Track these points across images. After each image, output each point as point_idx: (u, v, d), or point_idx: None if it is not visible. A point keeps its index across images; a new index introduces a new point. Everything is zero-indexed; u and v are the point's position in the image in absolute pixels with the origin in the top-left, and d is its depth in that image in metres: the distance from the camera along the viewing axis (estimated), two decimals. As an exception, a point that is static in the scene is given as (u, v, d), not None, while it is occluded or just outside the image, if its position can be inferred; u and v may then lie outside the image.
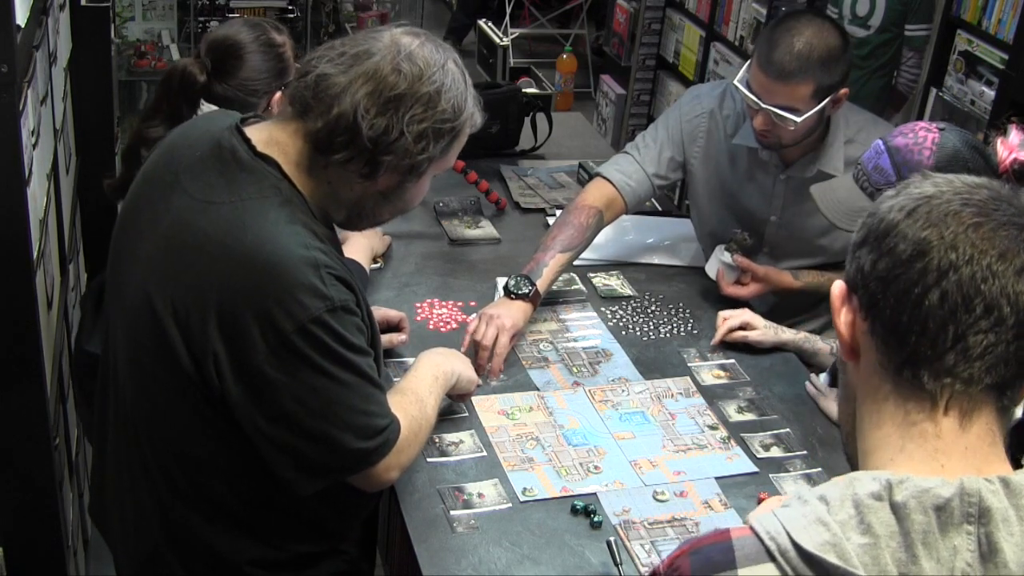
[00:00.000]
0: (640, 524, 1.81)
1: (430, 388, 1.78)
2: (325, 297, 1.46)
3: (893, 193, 0.99)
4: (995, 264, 0.90)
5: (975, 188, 0.95)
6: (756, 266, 2.44)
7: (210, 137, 1.56)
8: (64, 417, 2.40)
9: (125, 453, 1.66)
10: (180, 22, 4.74)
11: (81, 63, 3.11)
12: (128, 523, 1.70)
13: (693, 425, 2.08)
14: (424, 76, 1.50)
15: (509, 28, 6.64)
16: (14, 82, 1.80)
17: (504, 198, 2.85)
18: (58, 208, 2.51)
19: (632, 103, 5.22)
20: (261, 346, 1.45)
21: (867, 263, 0.96)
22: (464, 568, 1.69)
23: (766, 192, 2.50)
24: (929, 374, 0.92)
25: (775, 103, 2.25)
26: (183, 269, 1.50)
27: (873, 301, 0.95)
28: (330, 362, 1.49)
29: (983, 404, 0.93)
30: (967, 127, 3.13)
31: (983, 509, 0.88)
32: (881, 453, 0.96)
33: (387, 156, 1.50)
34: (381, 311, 2.15)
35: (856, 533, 0.88)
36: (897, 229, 0.94)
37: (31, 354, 1.99)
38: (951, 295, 0.90)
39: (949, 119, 3.25)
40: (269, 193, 1.50)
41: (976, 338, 0.90)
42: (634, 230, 2.79)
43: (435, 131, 1.52)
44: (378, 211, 1.63)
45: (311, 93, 1.50)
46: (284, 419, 1.50)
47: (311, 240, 1.49)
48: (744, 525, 0.94)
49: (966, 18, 3.24)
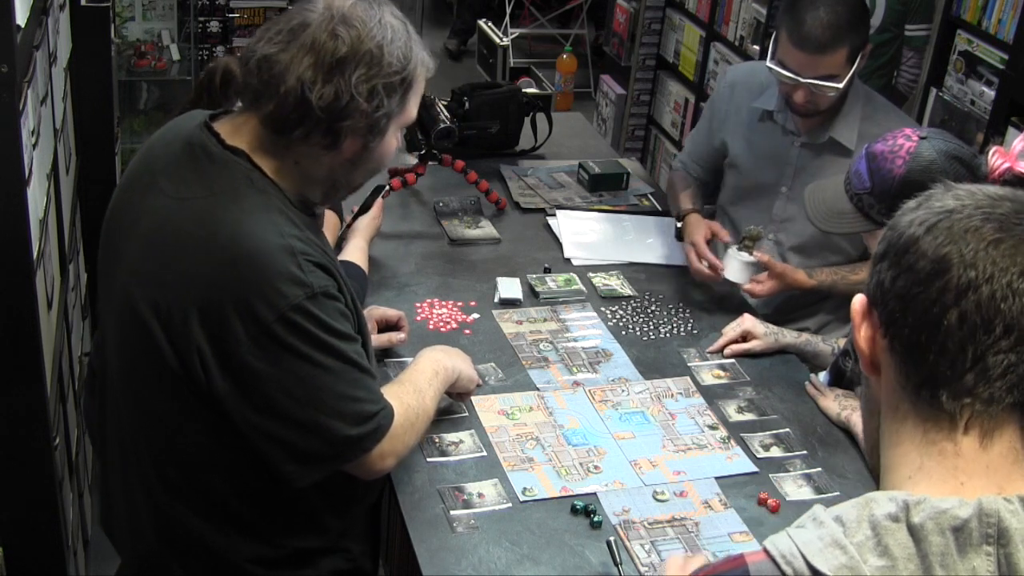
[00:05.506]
0: (640, 524, 1.81)
1: (429, 381, 1.78)
2: (304, 284, 1.46)
3: (914, 206, 0.97)
4: (1016, 282, 0.88)
5: (998, 201, 0.93)
6: (775, 262, 2.44)
7: (183, 136, 1.57)
8: (64, 417, 2.40)
9: (119, 454, 1.67)
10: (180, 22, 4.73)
11: (81, 63, 3.11)
12: (127, 524, 1.71)
13: (693, 425, 2.08)
14: (363, 35, 1.49)
15: (509, 28, 6.65)
16: (14, 82, 1.80)
17: (504, 198, 2.85)
18: (58, 208, 2.51)
19: (632, 103, 5.22)
20: (243, 338, 1.45)
21: (887, 279, 0.94)
22: (464, 568, 1.69)
23: (780, 160, 2.54)
24: (948, 394, 0.91)
25: (815, 75, 2.30)
26: (162, 267, 1.50)
27: (892, 319, 0.94)
28: (314, 349, 1.48)
29: (1005, 423, 0.91)
30: (967, 127, 3.14)
31: (1002, 530, 0.86)
32: (900, 471, 0.94)
33: (344, 122, 1.49)
34: (379, 310, 2.15)
35: (873, 556, 0.86)
36: (917, 245, 0.92)
37: (31, 354, 1.99)
38: (970, 315, 0.88)
39: (949, 119, 3.25)
40: (241, 184, 1.50)
41: (996, 358, 0.88)
42: (634, 230, 2.79)
43: (386, 86, 1.51)
44: (351, 179, 1.62)
45: (256, 78, 1.50)
46: (272, 410, 1.49)
47: (287, 228, 1.49)
48: (758, 549, 0.93)
49: (966, 18, 3.23)
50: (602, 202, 2.93)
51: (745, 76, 2.64)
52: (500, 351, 2.25)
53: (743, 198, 2.66)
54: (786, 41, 2.30)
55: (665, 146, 5.09)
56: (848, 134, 2.42)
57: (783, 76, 2.33)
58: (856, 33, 2.28)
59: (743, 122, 2.61)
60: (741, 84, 2.63)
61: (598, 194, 2.97)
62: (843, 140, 2.42)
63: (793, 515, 1.11)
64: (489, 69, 4.73)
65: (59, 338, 2.37)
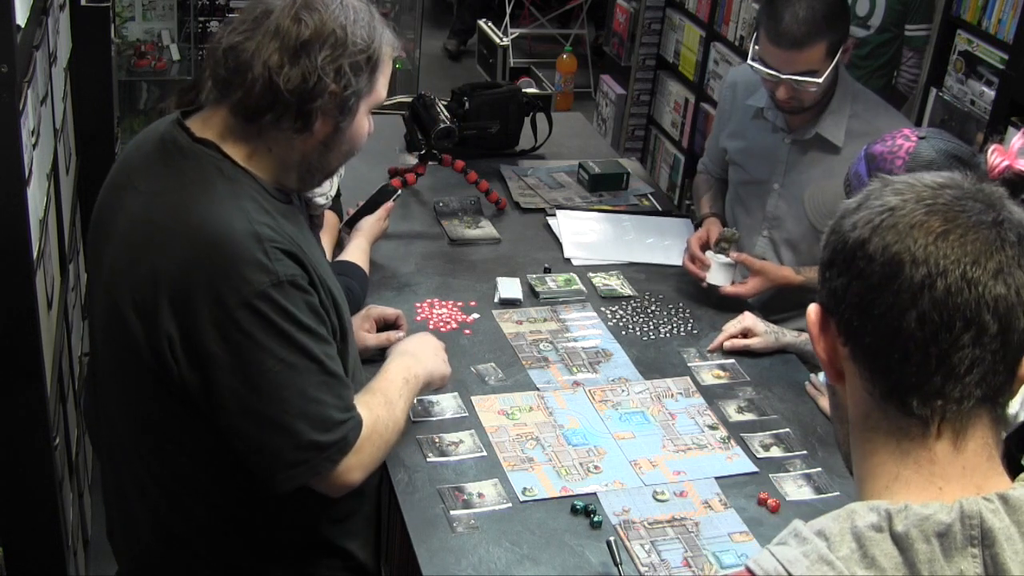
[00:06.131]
0: (640, 524, 1.81)
1: (400, 391, 1.73)
2: (269, 271, 1.45)
3: (855, 206, 0.94)
4: (970, 271, 0.86)
5: (938, 190, 0.91)
6: (752, 259, 2.45)
7: (156, 135, 1.58)
8: (64, 417, 2.40)
9: (114, 455, 1.67)
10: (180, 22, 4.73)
11: (81, 63, 3.11)
12: (124, 524, 1.71)
13: (693, 425, 2.08)
14: (326, 18, 1.50)
15: (509, 28, 6.64)
16: (14, 82, 1.80)
17: (504, 198, 2.85)
18: (58, 208, 2.51)
19: (632, 103, 5.21)
20: (208, 324, 1.45)
21: (839, 287, 0.92)
22: (464, 568, 1.69)
23: (772, 157, 2.56)
24: (919, 400, 0.89)
25: (794, 71, 2.31)
26: (137, 262, 1.50)
27: (850, 328, 0.92)
28: (277, 341, 1.46)
29: (976, 418, 0.90)
30: (967, 127, 3.14)
31: (985, 530, 0.86)
32: (877, 481, 0.93)
33: (313, 103, 1.50)
34: (378, 309, 2.15)
35: (860, 568, 0.85)
36: (864, 249, 0.90)
37: (31, 354, 1.99)
38: (928, 315, 0.87)
39: (949, 119, 3.24)
40: (211, 174, 1.51)
41: (960, 354, 0.87)
42: (634, 230, 2.79)
43: (352, 65, 1.51)
44: (325, 162, 1.62)
45: (224, 68, 1.51)
46: (237, 404, 1.48)
47: (258, 215, 1.49)
48: (741, 568, 0.91)
49: (966, 18, 3.23)
50: (602, 202, 2.93)
51: (744, 75, 2.66)
52: (500, 351, 2.25)
53: (741, 195, 2.68)
54: (764, 38, 2.32)
55: (665, 146, 5.08)
56: (835, 131, 2.43)
57: (763, 73, 2.35)
58: (833, 28, 2.29)
59: (740, 120, 2.63)
60: (740, 83, 2.65)
61: (598, 194, 2.97)
62: (830, 137, 2.43)
63: (793, 515, 1.10)
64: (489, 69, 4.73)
65: (59, 338, 2.38)
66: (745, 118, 2.61)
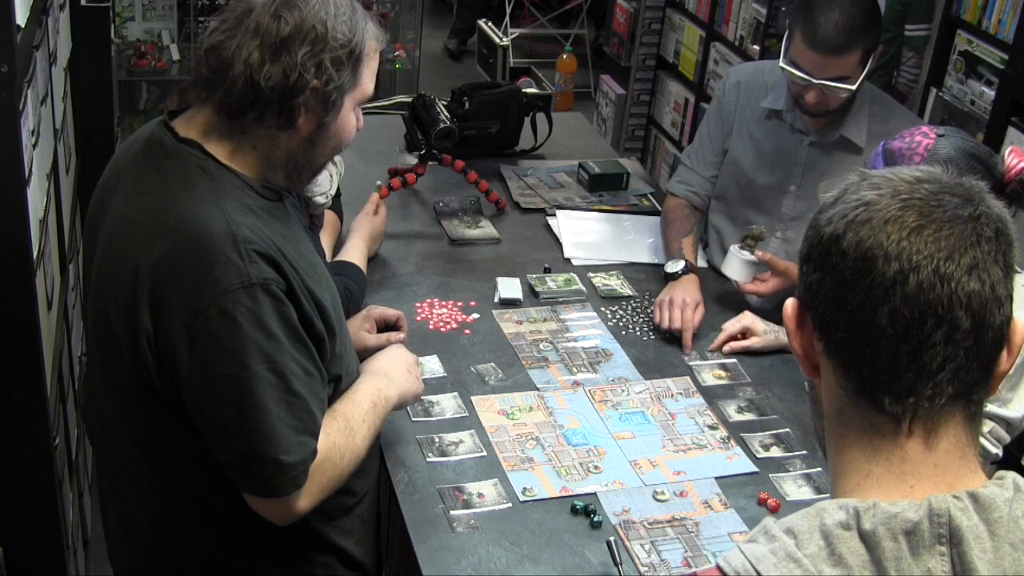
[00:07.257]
0: (640, 524, 1.81)
1: (364, 417, 1.65)
2: (241, 272, 1.44)
3: (832, 201, 0.94)
4: (943, 267, 0.85)
5: (915, 185, 0.90)
6: (778, 260, 2.43)
7: (144, 136, 1.59)
8: (64, 417, 2.40)
9: (110, 456, 1.67)
10: (180, 22, 4.73)
11: (81, 63, 3.11)
12: (123, 524, 1.71)
13: (693, 425, 2.08)
14: (306, 14, 1.49)
15: (509, 28, 6.64)
16: (14, 82, 1.80)
17: (504, 198, 2.85)
18: (58, 208, 2.51)
19: (632, 103, 5.22)
20: (177, 323, 1.44)
21: (814, 281, 0.92)
22: (464, 568, 1.69)
23: (788, 159, 2.53)
24: (890, 398, 0.89)
25: (827, 76, 2.30)
26: (119, 261, 1.51)
27: (824, 323, 0.92)
28: (241, 347, 1.43)
29: (949, 416, 0.89)
30: (967, 127, 3.14)
31: (953, 529, 0.85)
32: (849, 478, 0.93)
33: (294, 99, 1.49)
34: (378, 310, 2.14)
35: (828, 566, 0.85)
36: (838, 244, 0.90)
37: (31, 354, 1.99)
38: (899, 312, 0.86)
39: (949, 119, 3.24)
40: (192, 173, 1.51)
41: (932, 351, 0.86)
42: (634, 230, 2.79)
43: (333, 60, 1.51)
44: (311, 159, 1.61)
45: (206, 67, 1.51)
46: (196, 407, 1.48)
47: (237, 215, 1.48)
48: (711, 566, 0.91)
49: (966, 18, 3.23)
50: (602, 202, 2.93)
51: (750, 76, 2.64)
52: (500, 351, 2.25)
53: (748, 197, 2.65)
54: (800, 42, 2.30)
55: (665, 146, 5.09)
56: (858, 132, 2.43)
57: (796, 77, 2.33)
58: (869, 35, 2.28)
59: (748, 121, 2.61)
60: (746, 83, 2.62)
61: (598, 194, 2.97)
62: (854, 138, 2.43)
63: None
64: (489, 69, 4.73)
65: (59, 338, 2.38)
66: (754, 119, 2.58)
